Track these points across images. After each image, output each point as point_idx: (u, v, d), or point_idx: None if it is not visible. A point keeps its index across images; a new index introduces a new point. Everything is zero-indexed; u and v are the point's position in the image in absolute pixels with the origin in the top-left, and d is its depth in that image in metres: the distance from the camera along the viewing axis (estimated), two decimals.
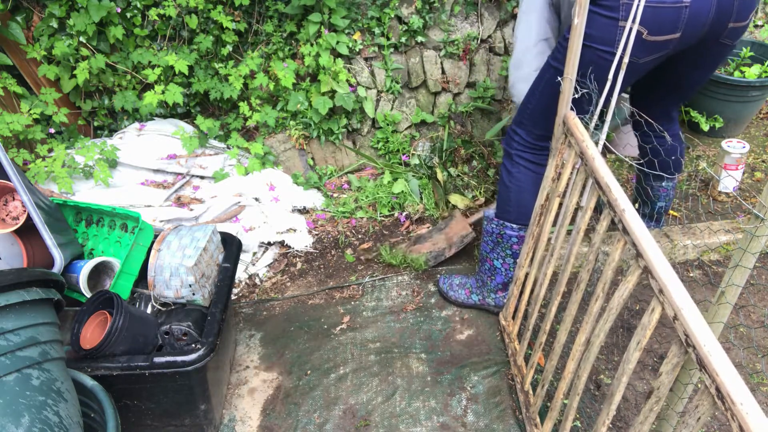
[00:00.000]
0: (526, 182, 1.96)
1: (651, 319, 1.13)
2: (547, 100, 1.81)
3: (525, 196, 1.98)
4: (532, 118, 1.89)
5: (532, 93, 1.88)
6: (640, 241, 1.18)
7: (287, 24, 2.77)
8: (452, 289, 2.33)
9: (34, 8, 2.53)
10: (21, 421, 1.15)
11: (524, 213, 2.00)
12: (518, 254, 2.08)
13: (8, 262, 1.75)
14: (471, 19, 2.96)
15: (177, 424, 1.76)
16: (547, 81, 1.78)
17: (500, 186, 2.04)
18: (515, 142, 1.96)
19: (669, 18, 1.55)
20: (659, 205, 2.38)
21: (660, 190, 2.34)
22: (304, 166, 2.99)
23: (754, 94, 3.03)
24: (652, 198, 2.36)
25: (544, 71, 1.82)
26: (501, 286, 2.19)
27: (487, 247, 2.14)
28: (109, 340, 1.54)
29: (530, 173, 1.96)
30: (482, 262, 2.19)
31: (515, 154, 1.97)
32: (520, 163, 1.96)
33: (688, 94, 2.03)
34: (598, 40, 1.61)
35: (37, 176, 2.42)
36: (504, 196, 2.03)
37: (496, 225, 2.07)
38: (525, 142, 1.94)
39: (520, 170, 1.96)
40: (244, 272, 2.52)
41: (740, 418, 0.84)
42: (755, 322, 2.17)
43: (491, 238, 2.10)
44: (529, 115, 1.90)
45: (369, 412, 1.91)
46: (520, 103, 1.97)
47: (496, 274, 2.16)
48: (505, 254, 2.09)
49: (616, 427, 1.80)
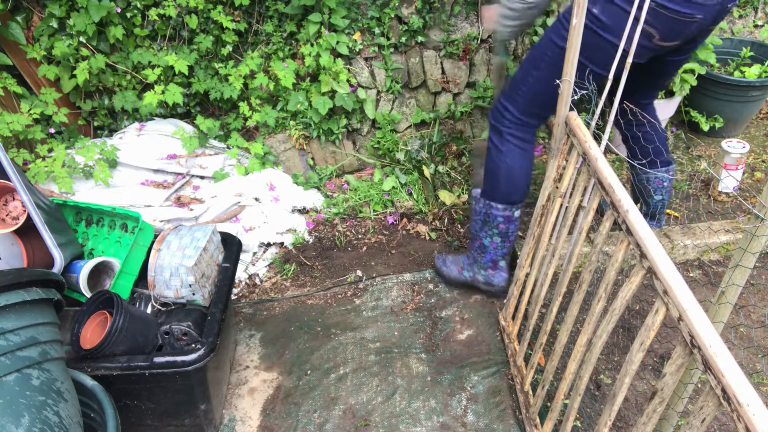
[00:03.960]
0: (516, 159, 1.95)
1: (655, 320, 1.13)
2: (547, 80, 1.75)
3: (514, 174, 1.97)
4: (527, 97, 1.85)
5: (529, 70, 1.82)
6: (644, 242, 1.17)
7: (287, 24, 2.76)
8: (445, 265, 2.38)
9: (34, 8, 2.53)
10: (21, 421, 1.14)
11: (512, 192, 1.99)
12: (505, 233, 2.09)
13: (8, 262, 1.75)
14: (471, 19, 2.96)
15: (177, 424, 1.75)
16: (549, 61, 1.74)
17: (489, 163, 2.01)
18: (505, 119, 1.92)
19: (680, 28, 1.59)
20: (657, 198, 2.33)
21: (656, 182, 2.29)
22: (304, 166, 2.99)
23: (754, 94, 3.03)
24: (650, 192, 2.33)
25: (544, 48, 1.76)
26: (491, 263, 2.21)
27: (476, 225, 2.16)
28: (109, 340, 1.53)
29: (519, 150, 1.94)
30: (473, 240, 2.22)
31: (505, 131, 1.93)
32: (510, 140, 1.93)
33: (666, 83, 2.04)
34: (609, 29, 1.61)
35: (37, 176, 2.41)
36: (493, 173, 2.00)
37: (482, 205, 2.08)
38: (516, 119, 1.90)
39: (510, 148, 1.94)
40: (244, 272, 2.52)
41: (747, 420, 0.84)
42: (755, 322, 2.17)
43: (479, 217, 2.12)
44: (525, 93, 1.85)
45: (369, 412, 1.91)
46: (513, 77, 1.91)
47: (485, 252, 2.18)
48: (492, 233, 2.10)
49: (617, 427, 1.80)
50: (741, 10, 3.69)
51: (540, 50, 1.79)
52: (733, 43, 3.31)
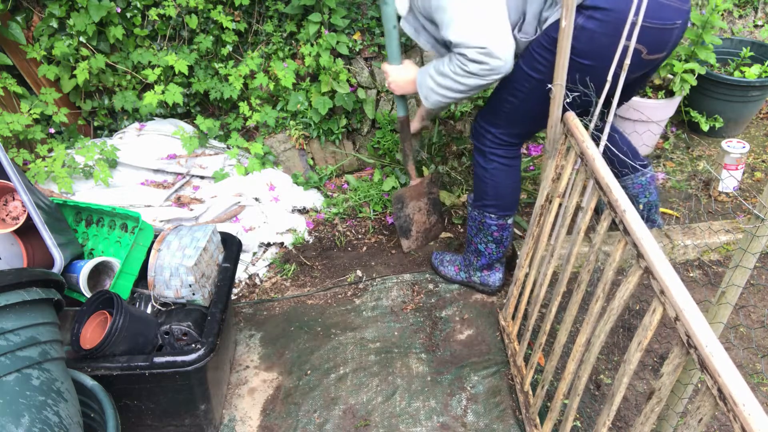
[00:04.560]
0: (501, 176, 1.99)
1: (652, 320, 1.13)
2: (525, 109, 1.79)
3: (501, 189, 2.02)
4: (507, 120, 1.87)
5: (505, 97, 1.81)
6: (641, 242, 1.18)
7: (287, 24, 2.77)
8: (443, 264, 2.43)
9: (34, 8, 2.53)
10: (21, 421, 1.14)
11: (502, 204, 2.05)
12: (499, 240, 2.15)
13: (8, 262, 1.75)
14: None
15: (177, 424, 1.76)
16: (527, 90, 1.75)
17: (476, 179, 2.07)
18: (487, 140, 1.95)
19: (665, 38, 1.61)
20: (641, 202, 2.32)
21: (635, 187, 2.28)
22: (304, 166, 2.99)
23: (754, 94, 3.03)
24: (634, 197, 2.32)
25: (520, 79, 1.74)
26: (485, 266, 2.27)
27: (471, 231, 2.22)
28: (109, 340, 1.54)
29: (504, 167, 1.98)
30: (468, 243, 2.28)
31: (488, 152, 1.97)
32: (494, 159, 1.97)
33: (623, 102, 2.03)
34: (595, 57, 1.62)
35: (37, 176, 2.42)
36: (481, 189, 2.06)
37: (477, 213, 2.13)
38: (497, 139, 1.93)
39: (495, 166, 1.98)
40: (244, 272, 2.52)
41: (742, 420, 0.84)
42: (755, 322, 2.17)
43: (474, 223, 2.18)
44: (504, 117, 1.87)
45: (369, 412, 1.91)
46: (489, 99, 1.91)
47: (480, 256, 2.24)
48: (487, 240, 2.17)
49: (616, 426, 1.80)
50: (741, 10, 3.69)
51: (514, 81, 1.76)
52: (733, 43, 3.31)
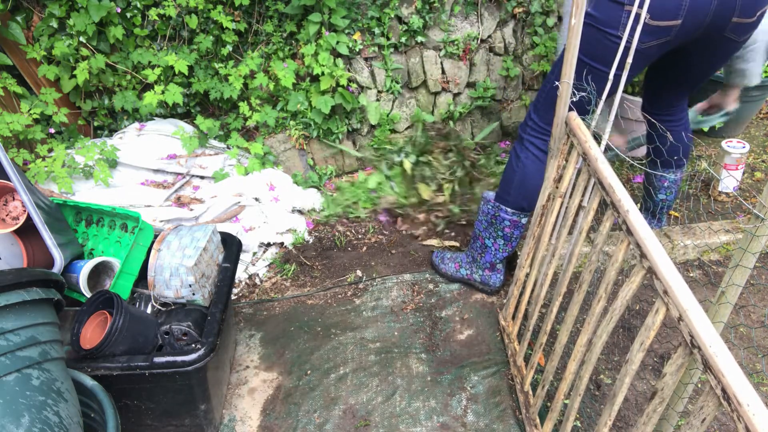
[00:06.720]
0: (532, 169, 2.01)
1: (655, 320, 1.13)
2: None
3: (528, 182, 2.02)
4: (545, 105, 1.91)
5: (551, 80, 1.88)
6: (644, 242, 1.17)
7: (287, 24, 2.76)
8: (443, 262, 2.44)
9: (34, 8, 2.52)
10: (21, 421, 1.14)
11: (523, 199, 2.06)
12: (509, 237, 2.17)
13: (8, 262, 1.75)
14: (471, 19, 2.96)
15: (177, 424, 1.75)
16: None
17: (507, 169, 2.09)
18: (528, 127, 2.00)
19: (671, 4, 1.60)
20: (660, 197, 2.39)
21: (662, 181, 2.34)
22: (304, 166, 2.99)
23: (754, 94, 3.03)
24: (656, 189, 2.38)
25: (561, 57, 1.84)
26: (489, 265, 2.28)
27: (480, 225, 2.23)
28: (109, 340, 1.53)
29: (537, 161, 1.99)
30: (474, 240, 2.29)
31: (527, 139, 2.00)
32: (530, 148, 1.99)
33: (695, 84, 2.07)
34: (603, 23, 1.66)
35: (37, 176, 2.41)
36: (509, 178, 2.07)
37: (492, 206, 2.15)
38: (538, 127, 1.96)
39: (528, 156, 2.00)
40: (244, 272, 2.52)
41: (747, 420, 0.84)
42: (755, 322, 2.17)
43: (486, 218, 2.19)
44: (544, 101, 1.92)
45: (369, 412, 1.91)
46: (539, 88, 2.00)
47: (486, 252, 2.25)
48: (497, 235, 2.18)
49: (616, 426, 1.80)
50: None
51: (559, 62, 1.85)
52: None
